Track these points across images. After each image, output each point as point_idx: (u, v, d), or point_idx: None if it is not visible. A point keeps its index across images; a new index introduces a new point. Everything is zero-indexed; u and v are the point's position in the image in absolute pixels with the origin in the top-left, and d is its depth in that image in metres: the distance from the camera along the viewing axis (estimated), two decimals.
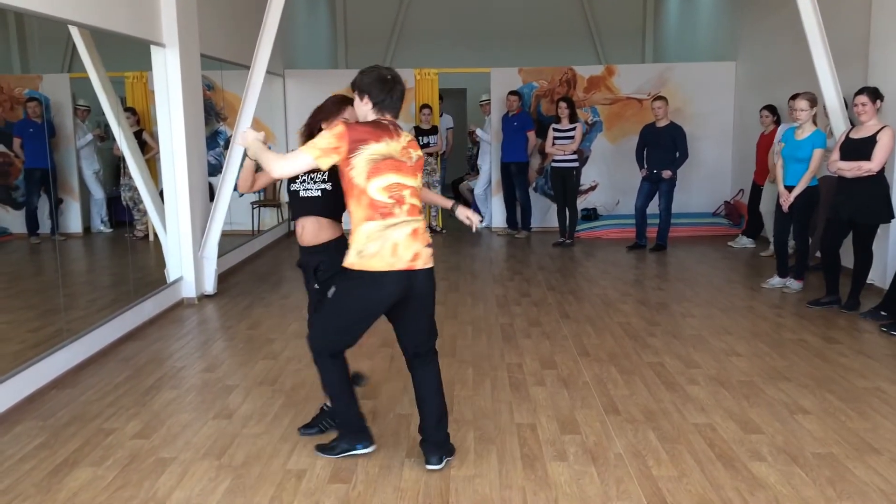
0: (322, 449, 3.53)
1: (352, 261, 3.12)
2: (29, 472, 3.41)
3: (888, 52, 6.35)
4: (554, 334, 5.44)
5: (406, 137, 3.22)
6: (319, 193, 3.52)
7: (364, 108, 3.20)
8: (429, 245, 3.24)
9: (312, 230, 3.56)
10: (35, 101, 6.38)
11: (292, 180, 3.56)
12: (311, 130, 3.54)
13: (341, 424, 3.54)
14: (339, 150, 3.03)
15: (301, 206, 3.58)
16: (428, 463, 3.37)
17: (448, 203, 3.73)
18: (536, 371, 4.66)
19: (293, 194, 3.60)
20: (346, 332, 3.28)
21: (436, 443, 3.39)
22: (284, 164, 3.09)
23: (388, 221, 3.10)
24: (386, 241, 3.09)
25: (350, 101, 3.43)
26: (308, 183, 3.54)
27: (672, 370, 4.64)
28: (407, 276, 3.14)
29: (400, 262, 3.10)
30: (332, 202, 3.52)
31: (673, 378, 4.49)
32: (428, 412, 3.39)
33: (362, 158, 3.04)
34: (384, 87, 3.15)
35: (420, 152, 3.29)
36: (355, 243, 3.12)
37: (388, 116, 3.20)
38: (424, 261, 3.19)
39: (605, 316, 5.91)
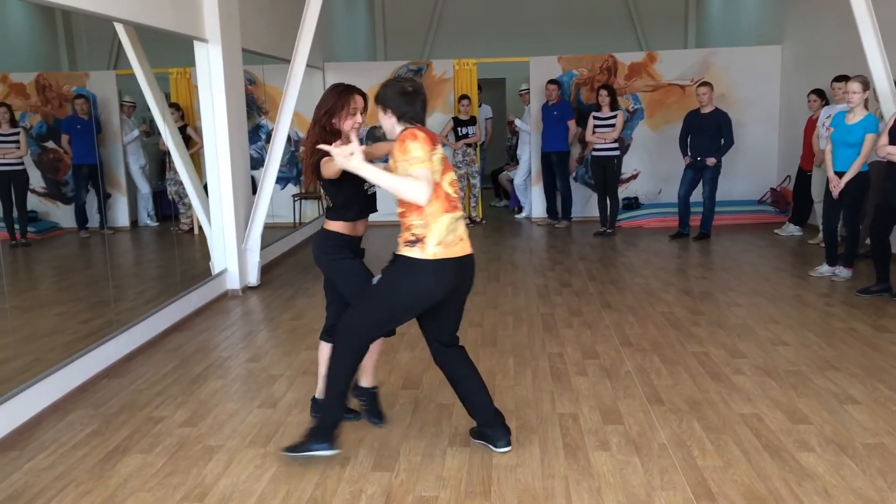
0: (291, 449, 3.41)
1: (433, 251, 3.14)
2: (82, 458, 3.51)
3: None
4: (595, 324, 5.40)
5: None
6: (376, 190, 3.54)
7: (389, 122, 3.25)
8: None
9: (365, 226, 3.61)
10: (83, 97, 6.52)
11: (348, 179, 3.34)
12: (322, 130, 3.41)
13: (323, 420, 3.40)
14: (429, 155, 3.09)
15: (368, 204, 3.57)
16: (499, 446, 3.42)
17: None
18: (578, 361, 4.63)
19: (360, 193, 3.48)
20: (390, 322, 3.33)
21: (502, 423, 3.46)
22: (427, 187, 3.00)
23: (456, 214, 3.23)
24: (457, 231, 3.22)
25: (354, 89, 3.46)
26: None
27: (717, 360, 4.57)
28: (472, 260, 3.31)
29: (468, 249, 3.28)
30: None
31: (718, 368, 4.43)
32: (483, 394, 3.45)
33: (437, 158, 3.15)
34: (406, 100, 3.20)
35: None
36: (434, 235, 3.14)
37: (417, 127, 3.21)
38: (469, 247, 3.32)
39: (647, 306, 5.85)
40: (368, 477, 3.25)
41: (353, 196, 3.48)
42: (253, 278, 6.84)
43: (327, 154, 3.18)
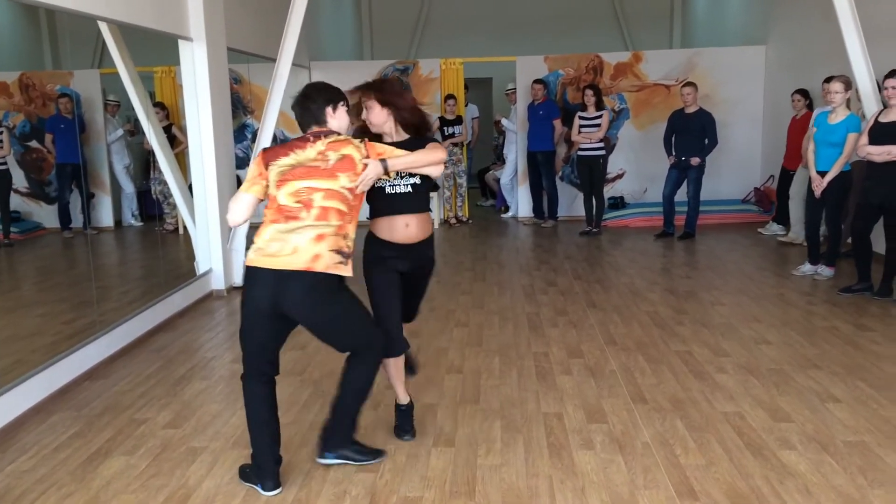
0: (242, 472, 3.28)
1: (250, 256, 3.11)
2: (64, 460, 3.49)
3: None
4: (581, 323, 5.42)
5: (324, 142, 3.11)
6: (410, 189, 3.39)
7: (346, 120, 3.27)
8: (339, 251, 3.08)
9: (421, 225, 3.46)
10: (66, 97, 6.48)
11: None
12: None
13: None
14: (262, 176, 3.13)
15: (394, 203, 3.40)
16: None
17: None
18: (563, 360, 4.65)
19: (378, 191, 3.36)
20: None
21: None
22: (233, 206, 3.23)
23: (290, 225, 3.06)
24: (289, 243, 3.05)
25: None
26: (396, 179, 3.37)
27: (700, 359, 4.60)
28: (299, 279, 3.03)
29: (296, 265, 3.01)
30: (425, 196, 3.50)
31: (701, 367, 4.46)
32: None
33: (273, 173, 3.10)
34: (296, 108, 3.20)
35: (348, 150, 3.12)
36: (257, 239, 3.11)
37: (312, 129, 3.17)
38: (325, 264, 3.04)
39: (632, 305, 5.88)
40: (353, 478, 3.25)
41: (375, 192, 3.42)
42: (238, 278, 6.81)
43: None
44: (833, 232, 6.45)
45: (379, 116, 3.38)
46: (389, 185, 3.35)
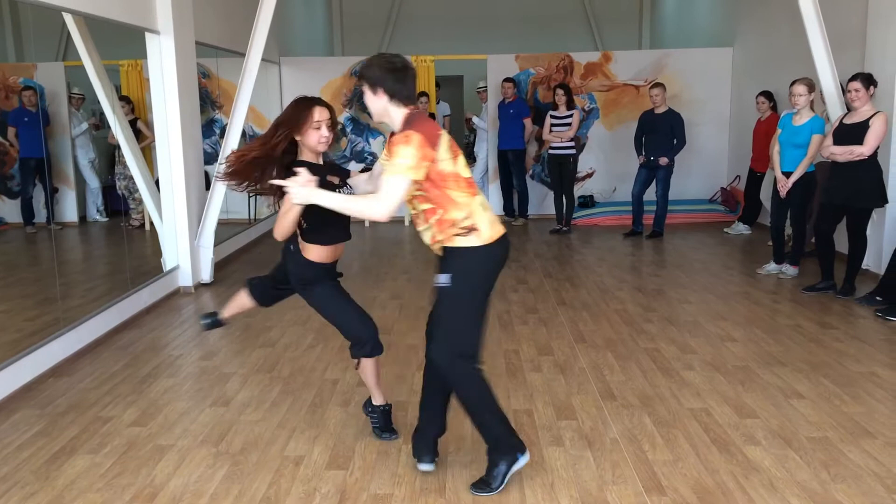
0: (480, 486, 3.08)
1: (489, 234, 2.97)
2: (27, 459, 3.42)
3: (885, 37, 6.34)
4: (551, 321, 5.45)
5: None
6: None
7: (379, 103, 2.93)
8: None
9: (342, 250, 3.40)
10: (30, 89, 6.34)
11: None
12: (275, 147, 3.15)
13: (493, 441, 3.12)
14: (428, 156, 2.81)
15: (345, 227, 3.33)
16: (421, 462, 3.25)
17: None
18: (533, 357, 4.67)
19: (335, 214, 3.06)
20: (481, 314, 3.12)
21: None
22: (389, 203, 2.79)
23: (480, 197, 3.01)
24: (487, 212, 3.03)
25: (315, 101, 3.19)
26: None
27: (668, 356, 4.65)
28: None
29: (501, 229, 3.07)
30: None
31: (669, 364, 4.51)
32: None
33: (443, 148, 2.88)
34: (396, 77, 2.88)
35: None
36: (483, 220, 2.96)
37: (410, 107, 2.94)
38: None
39: (601, 302, 5.92)
40: (322, 475, 3.23)
41: (327, 217, 3.13)
42: (206, 275, 6.74)
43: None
44: (797, 231, 6.57)
45: (377, 103, 2.97)
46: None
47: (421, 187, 2.90)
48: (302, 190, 2.92)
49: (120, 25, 5.64)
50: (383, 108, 2.94)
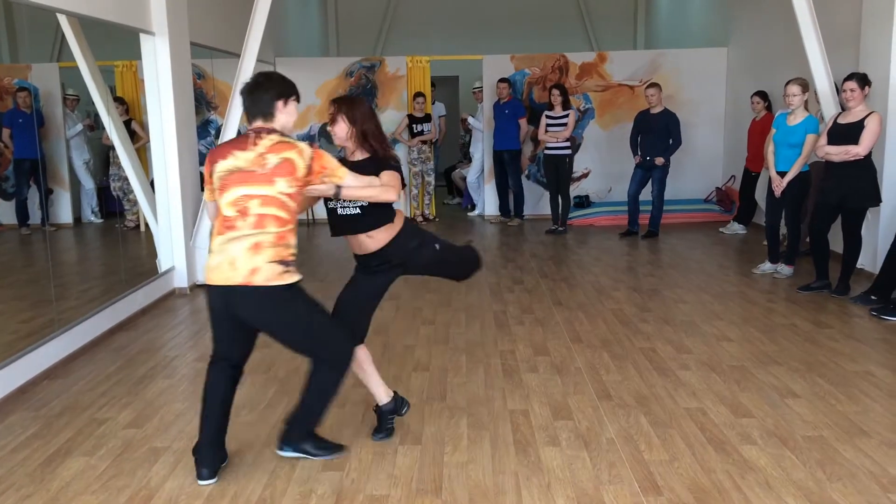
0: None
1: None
2: (22, 462, 3.41)
3: (879, 37, 6.35)
4: (547, 321, 5.45)
5: (266, 143, 3.01)
6: (359, 211, 3.34)
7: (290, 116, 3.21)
8: (280, 262, 3.01)
9: (358, 244, 3.46)
10: (24, 90, 6.33)
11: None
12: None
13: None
14: (209, 181, 3.08)
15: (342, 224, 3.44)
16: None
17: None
18: (529, 358, 4.67)
19: (331, 210, 3.41)
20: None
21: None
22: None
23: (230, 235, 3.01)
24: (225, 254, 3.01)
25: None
26: (346, 202, 3.34)
27: (664, 356, 4.66)
28: (232, 291, 3.01)
29: (237, 277, 2.97)
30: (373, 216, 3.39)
31: (664, 363, 4.52)
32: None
33: (215, 178, 3.06)
34: (244, 96, 3.10)
35: (290, 154, 3.00)
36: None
37: (257, 123, 3.09)
38: (265, 276, 2.98)
39: (597, 303, 5.93)
40: (318, 477, 3.23)
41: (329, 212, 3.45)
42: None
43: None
44: (792, 231, 6.58)
45: (342, 130, 3.37)
46: (340, 207, 3.36)
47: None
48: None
49: (114, 26, 5.62)
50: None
